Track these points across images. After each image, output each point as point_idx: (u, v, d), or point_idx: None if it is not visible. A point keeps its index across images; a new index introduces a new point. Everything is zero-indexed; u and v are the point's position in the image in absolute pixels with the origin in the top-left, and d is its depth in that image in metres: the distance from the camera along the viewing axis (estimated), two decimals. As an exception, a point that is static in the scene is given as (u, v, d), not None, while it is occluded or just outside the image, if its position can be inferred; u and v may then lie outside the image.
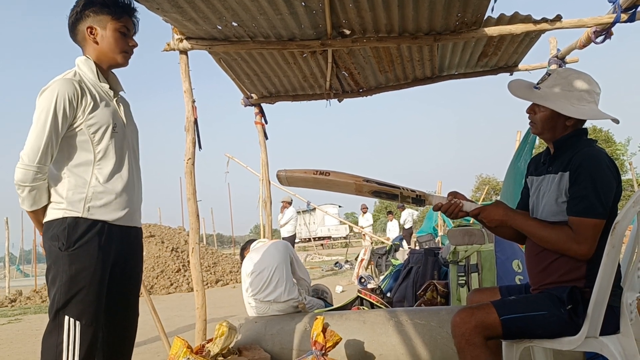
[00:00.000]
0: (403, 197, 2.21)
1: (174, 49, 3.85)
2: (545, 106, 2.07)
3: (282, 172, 2.25)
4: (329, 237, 40.53)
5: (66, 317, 1.94)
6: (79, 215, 2.00)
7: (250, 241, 4.43)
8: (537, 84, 2.14)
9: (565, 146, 2.08)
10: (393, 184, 2.20)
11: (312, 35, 3.84)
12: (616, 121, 2.06)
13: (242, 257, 4.27)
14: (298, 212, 19.06)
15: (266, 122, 5.48)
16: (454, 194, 2.18)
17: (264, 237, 6.63)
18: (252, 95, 5.30)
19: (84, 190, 2.03)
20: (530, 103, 2.15)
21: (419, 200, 2.21)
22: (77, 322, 1.95)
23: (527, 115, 2.18)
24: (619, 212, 1.91)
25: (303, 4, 3.32)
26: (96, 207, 2.04)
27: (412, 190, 2.20)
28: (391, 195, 2.21)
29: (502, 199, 5.12)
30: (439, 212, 2.22)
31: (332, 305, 4.66)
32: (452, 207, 2.14)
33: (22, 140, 1.97)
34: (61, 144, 2.01)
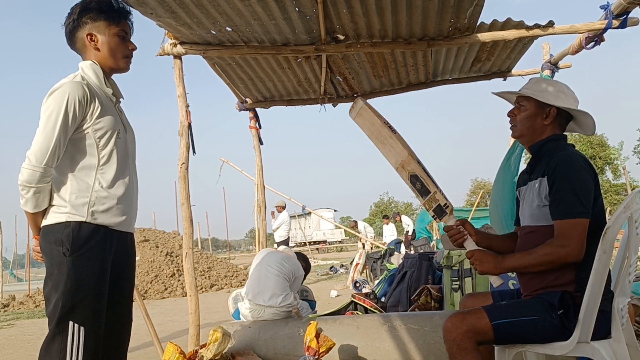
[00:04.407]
0: (431, 200, 2.20)
1: (168, 54, 3.85)
2: (529, 97, 2.16)
3: (361, 101, 2.28)
4: (325, 241, 40.51)
5: (70, 323, 1.93)
6: (83, 219, 1.99)
7: None
8: (519, 90, 2.26)
9: (542, 152, 2.15)
10: (434, 180, 2.21)
11: (306, 40, 3.85)
12: (590, 118, 2.12)
13: None
14: (293, 217, 19.01)
15: (260, 127, 5.49)
16: (463, 222, 2.24)
17: (259, 241, 6.62)
18: (247, 99, 5.30)
19: (88, 195, 2.01)
20: (511, 108, 2.26)
21: (441, 210, 2.20)
22: (82, 328, 1.94)
23: (509, 119, 2.27)
24: (608, 217, 1.93)
25: (297, 9, 3.34)
26: (99, 211, 2.03)
27: (445, 197, 2.19)
28: (423, 191, 2.21)
29: (492, 202, 5.14)
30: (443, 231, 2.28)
31: (315, 302, 4.71)
32: (458, 235, 2.20)
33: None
34: (66, 147, 1.99)
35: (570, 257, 1.92)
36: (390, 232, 16.20)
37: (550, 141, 2.14)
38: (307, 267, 4.39)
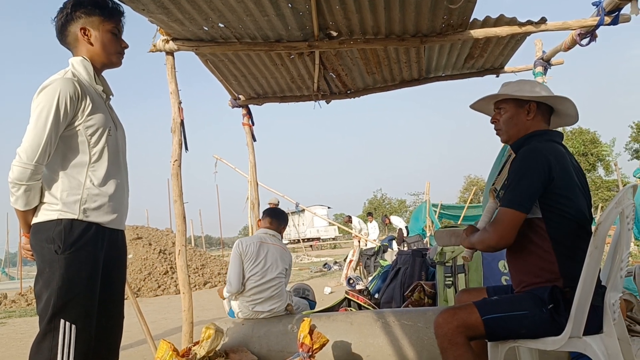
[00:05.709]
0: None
1: (160, 50, 3.83)
2: (507, 98, 2.19)
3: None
4: (318, 238, 40.53)
5: (62, 321, 1.91)
6: (75, 217, 1.97)
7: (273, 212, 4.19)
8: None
9: (522, 148, 2.15)
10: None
11: (299, 36, 3.84)
12: (569, 102, 2.16)
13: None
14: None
15: (253, 124, 5.48)
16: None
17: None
18: (240, 96, 5.29)
19: (79, 192, 2.00)
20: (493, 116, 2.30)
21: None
22: (73, 326, 1.92)
23: (494, 127, 2.29)
24: (599, 213, 1.94)
25: (290, 5, 3.32)
26: (91, 209, 2.01)
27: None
28: None
29: (485, 199, 5.16)
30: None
31: (315, 303, 4.68)
32: None
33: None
34: (57, 144, 1.97)
35: (491, 241, 1.99)
36: (373, 230, 16.16)
37: (532, 137, 2.14)
38: (285, 222, 4.23)
